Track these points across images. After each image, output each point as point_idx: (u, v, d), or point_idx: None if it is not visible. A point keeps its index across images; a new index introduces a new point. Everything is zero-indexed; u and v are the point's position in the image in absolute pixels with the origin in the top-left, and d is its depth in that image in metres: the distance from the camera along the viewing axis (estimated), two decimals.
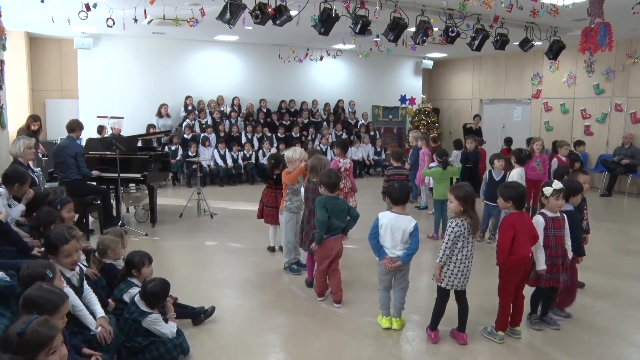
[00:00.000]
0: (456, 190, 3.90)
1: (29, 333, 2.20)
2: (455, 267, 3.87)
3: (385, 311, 4.30)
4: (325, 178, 4.69)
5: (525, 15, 7.53)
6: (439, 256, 3.88)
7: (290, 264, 5.69)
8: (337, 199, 4.72)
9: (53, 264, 3.04)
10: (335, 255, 4.70)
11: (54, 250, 3.32)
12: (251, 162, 12.32)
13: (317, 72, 14.71)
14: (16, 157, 5.78)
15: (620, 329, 4.39)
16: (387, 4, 7.26)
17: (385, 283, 4.26)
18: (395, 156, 7.44)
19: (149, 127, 11.71)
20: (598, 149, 12.30)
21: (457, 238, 3.83)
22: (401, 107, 15.97)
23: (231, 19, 6.43)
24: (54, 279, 2.90)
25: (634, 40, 11.50)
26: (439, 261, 3.89)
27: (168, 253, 6.60)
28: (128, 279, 3.99)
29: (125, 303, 3.85)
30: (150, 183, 7.61)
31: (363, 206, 8.77)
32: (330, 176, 4.69)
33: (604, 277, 5.76)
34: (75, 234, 3.44)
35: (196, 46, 13.06)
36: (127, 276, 4.01)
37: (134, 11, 7.31)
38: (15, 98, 11.02)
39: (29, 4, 8.34)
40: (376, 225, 4.15)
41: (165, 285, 3.81)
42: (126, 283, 3.96)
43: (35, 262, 3.06)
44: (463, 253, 3.85)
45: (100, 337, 3.18)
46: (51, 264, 3.03)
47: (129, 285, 3.94)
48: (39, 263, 3.03)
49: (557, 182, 4.18)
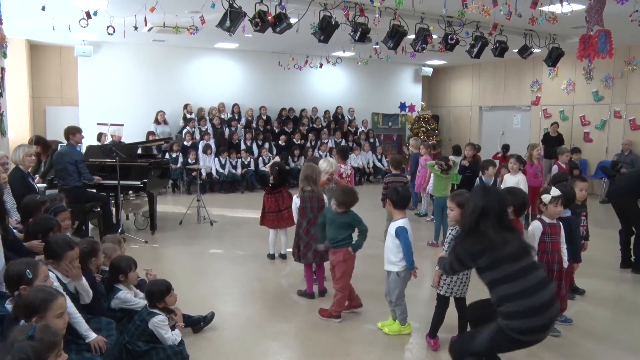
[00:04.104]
0: (456, 197, 3.89)
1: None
2: (454, 274, 3.86)
3: (405, 319, 4.32)
4: (343, 197, 4.52)
5: (524, 22, 7.56)
6: (438, 263, 3.87)
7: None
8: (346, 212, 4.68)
9: (37, 264, 2.94)
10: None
11: (56, 255, 3.28)
12: (250, 169, 12.33)
13: (316, 79, 14.75)
14: (17, 165, 5.80)
15: (620, 335, 4.38)
16: (387, 11, 7.30)
17: (403, 293, 4.26)
18: (394, 164, 7.45)
19: (149, 134, 11.73)
20: (597, 155, 12.31)
21: None
22: (401, 114, 16.00)
23: (231, 27, 6.46)
24: (35, 279, 2.83)
25: (633, 47, 11.55)
26: (438, 268, 3.88)
27: (168, 260, 6.59)
28: (114, 285, 3.95)
29: (114, 310, 3.84)
30: (150, 190, 7.61)
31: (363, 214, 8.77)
32: (347, 193, 4.56)
33: (604, 284, 5.74)
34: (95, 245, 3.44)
35: (196, 53, 13.10)
36: (112, 282, 3.97)
37: (134, 19, 7.35)
38: (15, 105, 11.05)
39: (29, 12, 8.38)
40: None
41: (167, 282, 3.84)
42: (113, 290, 3.92)
43: (17, 261, 3.01)
44: None
45: (94, 347, 3.14)
46: (34, 263, 2.95)
47: (115, 291, 3.92)
48: (21, 262, 2.97)
49: (555, 190, 4.20)
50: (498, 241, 2.95)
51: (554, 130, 12.56)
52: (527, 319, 2.89)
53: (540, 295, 2.91)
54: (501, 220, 3.05)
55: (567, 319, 4.56)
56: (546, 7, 7.08)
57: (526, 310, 2.89)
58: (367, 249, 4.69)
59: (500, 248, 2.95)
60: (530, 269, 2.98)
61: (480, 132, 15.75)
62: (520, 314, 2.90)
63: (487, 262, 3.00)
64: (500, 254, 2.96)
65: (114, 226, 7.34)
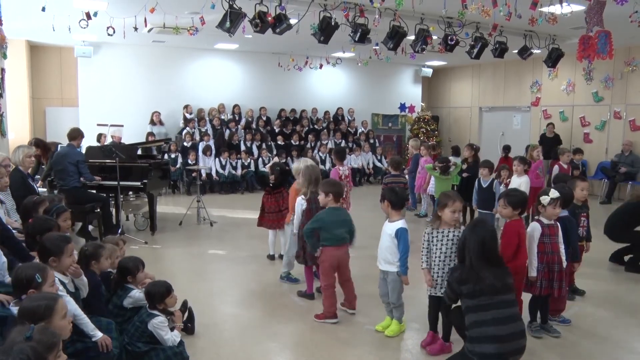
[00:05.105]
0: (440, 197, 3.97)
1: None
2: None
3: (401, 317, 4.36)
4: (331, 187, 4.60)
5: (524, 23, 7.56)
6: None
7: (288, 273, 5.68)
8: (339, 210, 4.69)
9: (45, 268, 2.95)
10: (339, 264, 4.60)
11: (58, 251, 3.26)
12: (250, 170, 12.33)
13: (316, 80, 14.75)
14: (16, 165, 5.80)
15: (620, 336, 4.38)
16: (387, 12, 7.30)
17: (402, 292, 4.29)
18: (393, 164, 7.47)
19: (149, 134, 11.73)
20: (598, 156, 12.31)
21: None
22: (401, 115, 16.01)
23: (231, 28, 6.46)
24: (44, 284, 2.84)
25: (632, 48, 11.55)
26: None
27: (168, 261, 6.59)
28: (125, 285, 3.96)
29: (124, 309, 3.85)
30: (150, 191, 7.61)
31: (364, 214, 8.79)
32: (335, 184, 4.66)
33: (604, 285, 5.75)
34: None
35: (196, 54, 13.11)
36: (121, 283, 3.98)
37: (134, 20, 7.35)
38: (15, 106, 11.06)
39: (30, 12, 8.39)
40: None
41: (167, 283, 3.83)
42: (123, 289, 3.94)
43: (27, 265, 3.00)
44: (454, 262, 3.86)
45: (101, 345, 3.16)
46: (43, 267, 2.96)
47: (127, 290, 3.92)
48: (30, 265, 2.97)
49: (554, 191, 4.20)
50: (471, 277, 3.28)
51: (550, 131, 12.57)
52: (490, 344, 3.17)
53: (510, 326, 3.20)
54: (482, 255, 3.30)
55: (565, 319, 4.56)
56: (546, 7, 7.08)
57: (492, 337, 3.17)
58: (367, 249, 4.69)
59: (473, 283, 3.27)
60: (504, 305, 3.23)
61: (480, 132, 15.75)
62: (484, 339, 3.19)
63: (468, 290, 3.30)
64: (478, 287, 3.25)
65: (114, 227, 7.35)
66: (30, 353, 2.06)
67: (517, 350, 3.24)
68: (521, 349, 3.26)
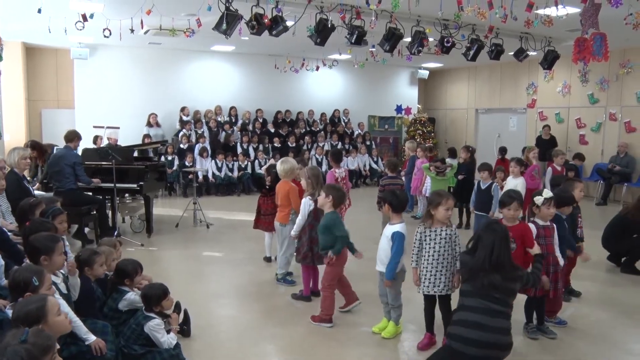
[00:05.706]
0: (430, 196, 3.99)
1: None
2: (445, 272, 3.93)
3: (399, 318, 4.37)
4: (335, 191, 4.56)
5: (519, 25, 7.59)
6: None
7: (284, 275, 5.67)
8: (336, 213, 4.69)
9: (42, 271, 2.94)
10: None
11: (49, 249, 3.24)
12: (247, 172, 12.32)
13: (313, 82, 14.76)
14: (12, 168, 5.79)
15: (616, 337, 4.40)
16: (383, 14, 7.31)
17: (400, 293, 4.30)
18: (390, 166, 7.47)
19: (145, 137, 11.71)
20: (593, 158, 12.34)
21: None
22: (397, 116, 16.03)
23: (227, 30, 6.46)
24: (41, 287, 2.83)
25: (627, 50, 11.60)
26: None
27: (164, 263, 6.57)
28: (119, 287, 3.95)
29: (120, 312, 3.84)
30: (147, 193, 7.59)
31: (360, 216, 8.80)
32: (339, 190, 4.64)
33: (600, 286, 5.77)
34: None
35: (192, 56, 13.10)
36: (117, 285, 3.97)
37: (130, 21, 7.34)
38: (11, 108, 11.03)
39: (25, 14, 8.37)
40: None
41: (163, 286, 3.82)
42: (119, 292, 3.93)
43: (24, 268, 2.99)
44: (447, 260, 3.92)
45: (94, 348, 3.15)
46: (40, 270, 2.94)
47: (122, 293, 3.91)
48: (27, 268, 2.96)
49: (547, 191, 4.23)
50: (463, 275, 3.38)
51: (545, 133, 12.60)
52: (472, 330, 3.17)
53: (496, 320, 3.18)
54: (489, 257, 3.25)
55: (562, 320, 4.57)
56: (541, 10, 7.10)
57: (474, 324, 3.17)
58: (363, 251, 4.69)
59: (464, 280, 3.35)
60: (497, 302, 3.20)
61: (476, 134, 15.78)
62: (464, 322, 3.22)
63: (466, 287, 3.34)
64: (479, 283, 3.23)
65: (110, 229, 7.33)
66: (24, 355, 2.05)
67: (500, 345, 3.17)
68: (504, 346, 3.19)
